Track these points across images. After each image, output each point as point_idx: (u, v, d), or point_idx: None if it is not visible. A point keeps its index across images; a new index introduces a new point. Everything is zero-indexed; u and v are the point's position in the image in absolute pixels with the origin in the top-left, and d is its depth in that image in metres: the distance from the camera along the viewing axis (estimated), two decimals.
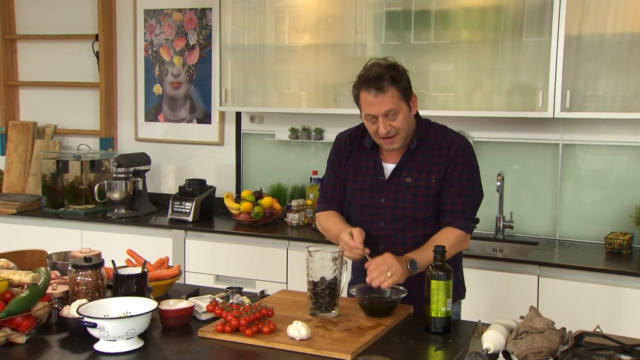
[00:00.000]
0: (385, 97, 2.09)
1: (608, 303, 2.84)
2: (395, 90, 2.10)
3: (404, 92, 2.13)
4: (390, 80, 2.09)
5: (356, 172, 2.29)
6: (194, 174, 4.23)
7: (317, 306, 2.00)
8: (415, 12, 3.36)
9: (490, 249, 3.46)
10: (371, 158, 2.27)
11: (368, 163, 2.27)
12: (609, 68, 3.05)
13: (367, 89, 2.10)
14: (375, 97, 2.10)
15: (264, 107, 3.76)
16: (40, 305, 1.86)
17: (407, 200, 2.20)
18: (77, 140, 4.54)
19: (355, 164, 2.29)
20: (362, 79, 2.12)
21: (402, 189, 2.21)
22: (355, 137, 2.32)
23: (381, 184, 2.24)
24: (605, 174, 3.37)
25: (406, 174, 2.22)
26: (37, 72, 4.66)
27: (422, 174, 2.21)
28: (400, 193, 2.21)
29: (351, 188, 2.28)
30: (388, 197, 2.22)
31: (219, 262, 3.61)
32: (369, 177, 2.26)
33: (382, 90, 2.09)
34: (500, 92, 3.24)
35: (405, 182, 2.21)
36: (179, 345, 1.81)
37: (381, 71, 2.09)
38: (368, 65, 2.14)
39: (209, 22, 4.13)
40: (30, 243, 3.08)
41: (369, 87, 2.10)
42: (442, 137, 2.25)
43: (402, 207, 2.20)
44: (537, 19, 3.13)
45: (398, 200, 2.21)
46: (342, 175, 2.32)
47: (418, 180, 2.20)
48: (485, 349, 1.70)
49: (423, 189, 2.20)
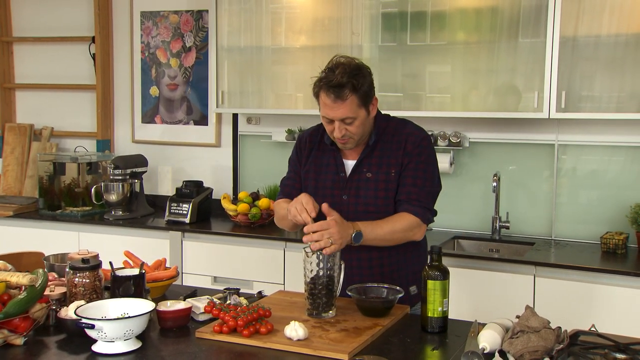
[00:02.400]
0: (343, 104, 2.09)
1: (603, 302, 2.85)
2: (354, 98, 2.09)
3: (364, 99, 2.12)
4: (351, 89, 2.08)
5: (318, 170, 2.29)
6: (191, 176, 4.24)
7: (314, 306, 2.01)
8: (411, 14, 3.37)
9: (486, 249, 3.48)
10: (332, 155, 2.28)
11: (329, 160, 2.28)
12: (604, 69, 3.06)
13: (326, 92, 2.10)
14: (333, 102, 2.09)
15: (261, 108, 3.77)
16: (38, 307, 1.86)
17: (368, 195, 2.21)
18: (74, 143, 4.54)
19: (316, 162, 2.30)
20: (323, 82, 2.10)
21: (363, 184, 2.22)
22: (316, 135, 2.33)
23: (342, 180, 2.24)
24: (600, 174, 3.39)
25: (366, 170, 2.22)
26: (34, 75, 4.66)
27: (382, 168, 2.21)
28: (361, 189, 2.22)
29: (313, 187, 2.27)
30: (350, 194, 2.23)
31: (217, 263, 3.62)
32: (330, 174, 2.26)
33: (341, 98, 2.08)
34: (496, 92, 3.26)
35: (366, 177, 2.22)
36: (176, 346, 1.82)
37: (343, 80, 2.06)
38: (332, 65, 2.11)
39: (205, 24, 4.13)
40: (28, 245, 3.08)
41: (328, 91, 2.09)
42: (400, 131, 2.25)
43: (364, 203, 2.21)
44: (532, 20, 3.14)
45: (360, 196, 2.21)
46: (303, 173, 2.32)
47: (378, 175, 2.21)
48: (481, 348, 1.71)
49: (383, 183, 2.20)
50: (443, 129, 3.59)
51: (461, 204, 3.63)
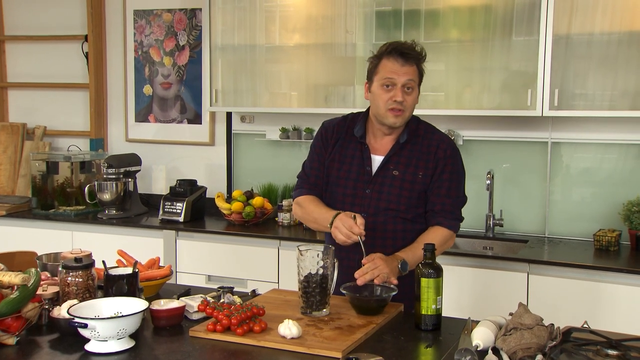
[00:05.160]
0: (410, 68, 2.17)
1: (596, 299, 2.86)
2: (416, 70, 2.20)
3: (421, 77, 2.23)
4: (416, 59, 2.18)
5: (342, 160, 2.29)
6: (185, 175, 4.23)
7: (308, 305, 2.01)
8: (405, 12, 3.37)
9: (480, 247, 3.48)
10: (359, 148, 2.28)
11: (354, 152, 2.28)
12: (597, 67, 3.07)
13: (394, 56, 2.17)
14: (401, 65, 2.16)
15: (255, 107, 3.76)
16: (31, 306, 1.85)
17: (392, 192, 2.22)
18: (67, 142, 4.52)
19: (341, 153, 2.30)
20: (392, 47, 2.18)
21: (388, 181, 2.23)
22: (343, 125, 2.34)
23: (368, 174, 2.25)
24: (593, 172, 3.40)
25: (393, 167, 2.23)
26: (26, 73, 4.64)
27: (409, 169, 2.23)
28: (385, 185, 2.23)
29: (336, 176, 2.28)
30: (374, 189, 2.23)
31: (211, 262, 3.61)
32: (355, 166, 2.27)
33: (409, 63, 2.17)
34: (490, 90, 3.26)
35: (392, 174, 2.23)
36: (170, 345, 1.81)
37: (413, 50, 2.18)
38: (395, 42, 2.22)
39: (198, 22, 4.13)
40: (21, 245, 3.07)
41: (397, 55, 2.16)
42: (430, 135, 2.28)
43: (386, 200, 2.22)
44: (525, 18, 3.15)
45: (383, 192, 2.22)
46: (327, 162, 2.31)
47: (405, 174, 2.22)
48: (474, 345, 1.71)
49: (409, 184, 2.22)
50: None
51: None
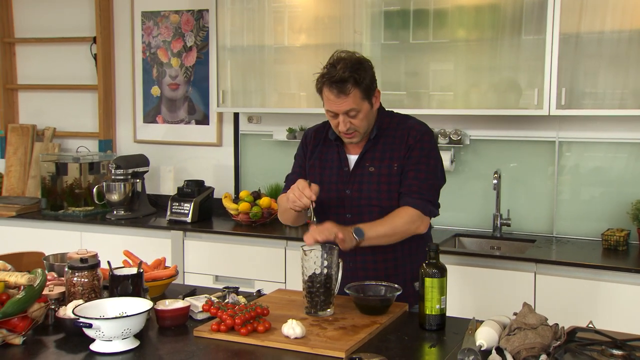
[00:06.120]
0: (347, 99, 2.12)
1: (604, 299, 2.84)
2: (357, 92, 2.12)
3: (366, 92, 2.15)
4: (353, 83, 2.10)
5: (322, 165, 2.32)
6: (193, 175, 4.24)
7: (313, 305, 2.01)
8: (413, 12, 3.37)
9: (487, 246, 3.47)
10: (335, 150, 2.30)
11: (333, 155, 2.30)
12: (605, 65, 3.05)
13: (329, 87, 2.12)
14: (337, 97, 2.12)
15: (263, 107, 3.77)
16: (37, 306, 1.87)
17: (371, 189, 2.22)
18: (76, 143, 4.55)
19: (321, 158, 2.32)
20: (326, 78, 2.12)
21: (366, 178, 2.23)
22: (322, 131, 2.36)
23: (346, 174, 2.26)
24: (601, 171, 3.38)
25: (369, 164, 2.24)
26: (36, 75, 4.68)
27: (384, 162, 2.23)
28: (364, 183, 2.23)
29: (318, 181, 2.28)
30: (353, 188, 2.24)
31: (218, 262, 3.62)
32: (335, 169, 2.29)
33: (344, 93, 2.11)
34: (497, 90, 3.25)
35: (369, 171, 2.23)
36: (174, 344, 1.82)
37: (345, 75, 2.09)
38: (334, 60, 2.14)
39: (205, 23, 4.14)
40: (30, 245, 3.09)
41: (331, 86, 2.11)
42: (402, 125, 2.27)
43: (367, 197, 2.22)
44: (533, 17, 3.13)
45: (363, 190, 2.23)
46: (308, 168, 2.34)
47: (380, 169, 2.22)
48: (478, 345, 1.71)
49: (386, 177, 2.22)
50: (444, 126, 3.59)
51: (462, 202, 3.62)
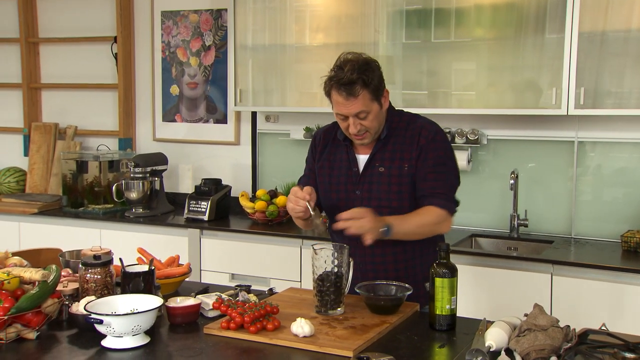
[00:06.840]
0: (356, 101, 2.10)
1: (621, 302, 2.80)
2: (366, 93, 2.10)
3: (375, 93, 2.13)
4: (361, 85, 2.09)
5: (331, 166, 2.30)
6: (211, 174, 4.27)
7: (323, 303, 2.01)
8: (435, 10, 3.34)
9: (504, 247, 3.44)
10: (344, 150, 2.29)
11: (342, 156, 2.29)
12: (624, 64, 3.00)
13: (337, 90, 2.11)
14: (346, 99, 2.10)
15: (283, 106, 3.77)
16: (50, 302, 1.90)
17: (381, 190, 2.21)
18: (97, 141, 4.61)
19: (329, 158, 2.31)
20: (334, 81, 2.11)
21: (376, 179, 2.22)
22: (331, 132, 2.34)
23: (355, 175, 2.25)
24: (621, 172, 3.33)
25: (379, 164, 2.22)
26: (59, 75, 4.75)
27: (395, 163, 2.21)
28: (374, 184, 2.22)
29: (328, 182, 2.29)
30: (363, 189, 2.23)
31: (234, 260, 3.64)
32: (344, 169, 2.27)
33: (353, 95, 2.09)
34: (516, 89, 3.22)
35: (379, 172, 2.22)
36: (184, 341, 1.84)
37: (353, 77, 2.08)
38: (340, 63, 2.13)
39: (224, 22, 4.16)
40: (51, 242, 3.13)
41: (339, 89, 2.10)
42: (413, 124, 2.25)
43: (377, 198, 2.21)
44: (555, 16, 3.08)
45: (373, 191, 2.22)
46: (317, 169, 2.34)
47: (391, 169, 2.21)
48: (487, 346, 1.70)
49: (396, 178, 2.20)
50: (460, 126, 3.56)
51: (479, 202, 3.59)
